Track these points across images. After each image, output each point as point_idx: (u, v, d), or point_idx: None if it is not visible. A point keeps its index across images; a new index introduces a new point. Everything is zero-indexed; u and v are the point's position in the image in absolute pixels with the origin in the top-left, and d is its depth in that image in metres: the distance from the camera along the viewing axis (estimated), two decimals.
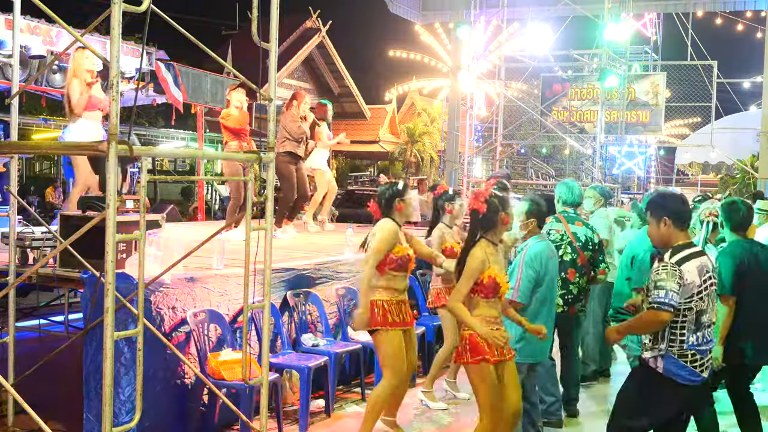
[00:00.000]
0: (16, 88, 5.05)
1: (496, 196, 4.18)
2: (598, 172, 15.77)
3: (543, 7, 16.39)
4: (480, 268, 4.04)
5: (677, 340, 3.69)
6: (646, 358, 3.80)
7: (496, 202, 4.14)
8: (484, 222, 4.16)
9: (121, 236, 3.39)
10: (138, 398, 3.58)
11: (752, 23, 18.10)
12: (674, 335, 3.69)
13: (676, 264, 3.66)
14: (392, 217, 4.85)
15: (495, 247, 4.17)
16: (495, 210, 4.13)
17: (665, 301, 3.58)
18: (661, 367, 3.71)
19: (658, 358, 3.71)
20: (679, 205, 3.86)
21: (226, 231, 6.15)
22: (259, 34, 3.98)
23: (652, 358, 3.74)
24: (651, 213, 3.89)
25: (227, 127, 7.55)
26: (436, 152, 30.22)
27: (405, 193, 4.88)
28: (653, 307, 3.62)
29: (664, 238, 3.83)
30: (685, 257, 3.71)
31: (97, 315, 4.04)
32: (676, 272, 3.62)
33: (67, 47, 5.99)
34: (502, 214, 4.14)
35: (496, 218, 4.14)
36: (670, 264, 3.66)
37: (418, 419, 5.68)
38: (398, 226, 4.84)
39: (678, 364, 3.67)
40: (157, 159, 24.31)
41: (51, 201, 16.00)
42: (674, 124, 24.42)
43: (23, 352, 5.01)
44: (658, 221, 3.83)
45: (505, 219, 4.14)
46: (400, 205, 4.85)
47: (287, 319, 5.82)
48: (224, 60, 6.62)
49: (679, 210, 3.82)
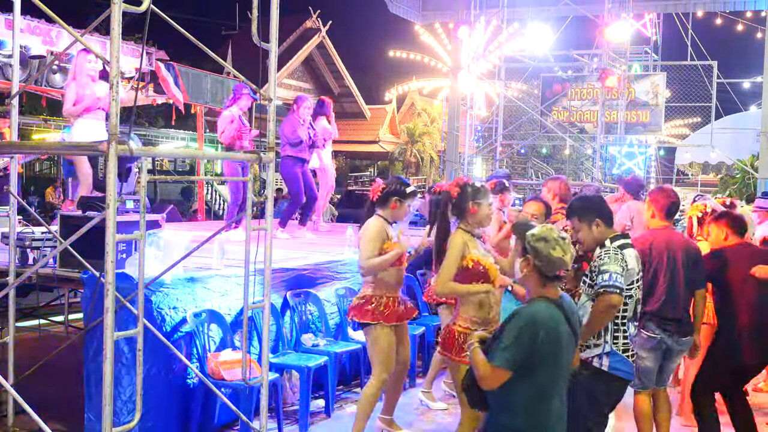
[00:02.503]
0: (16, 88, 5.05)
1: (471, 186, 4.27)
2: (598, 172, 15.76)
3: (543, 7, 16.36)
4: (462, 250, 4.09)
5: (621, 334, 3.73)
6: (588, 359, 3.77)
7: (468, 191, 4.23)
8: (454, 208, 4.28)
9: (121, 236, 3.39)
10: (138, 398, 3.59)
11: (752, 23, 18.09)
12: (617, 328, 3.73)
13: (618, 248, 3.70)
14: (382, 212, 4.84)
15: (474, 238, 4.25)
16: (465, 198, 4.20)
17: (610, 283, 3.60)
18: (606, 365, 3.72)
19: (603, 356, 3.73)
20: (603, 204, 3.98)
21: (226, 231, 6.16)
22: (259, 34, 3.98)
23: (596, 357, 3.75)
24: (579, 218, 3.93)
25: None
26: (436, 152, 30.22)
27: (407, 198, 4.87)
28: (600, 293, 3.61)
29: (598, 239, 3.90)
30: (625, 244, 3.80)
31: (97, 315, 4.04)
32: (618, 256, 3.69)
33: (67, 47, 5.99)
34: (470, 203, 4.23)
35: (465, 206, 4.24)
36: (612, 248, 3.73)
37: (417, 419, 5.68)
38: (387, 223, 4.82)
39: (623, 360, 3.73)
40: (157, 159, 24.34)
41: (51, 201, 15.99)
42: (674, 124, 24.40)
43: (23, 352, 5.01)
44: (590, 224, 3.90)
45: (473, 209, 4.23)
46: (395, 205, 4.84)
47: (287, 319, 5.82)
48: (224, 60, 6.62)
49: (605, 209, 3.93)
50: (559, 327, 2.85)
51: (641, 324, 4.41)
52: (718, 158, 19.34)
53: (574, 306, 3.06)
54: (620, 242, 3.80)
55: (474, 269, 4.09)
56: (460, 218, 4.28)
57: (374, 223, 4.78)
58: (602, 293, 3.59)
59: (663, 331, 4.48)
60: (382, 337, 4.71)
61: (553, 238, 2.90)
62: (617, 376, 3.72)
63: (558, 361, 2.86)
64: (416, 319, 6.20)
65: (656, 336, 4.47)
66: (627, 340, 3.74)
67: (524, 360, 2.80)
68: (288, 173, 8.02)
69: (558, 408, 2.94)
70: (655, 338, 4.47)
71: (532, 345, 2.79)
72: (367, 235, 4.73)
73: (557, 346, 2.85)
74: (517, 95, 18.76)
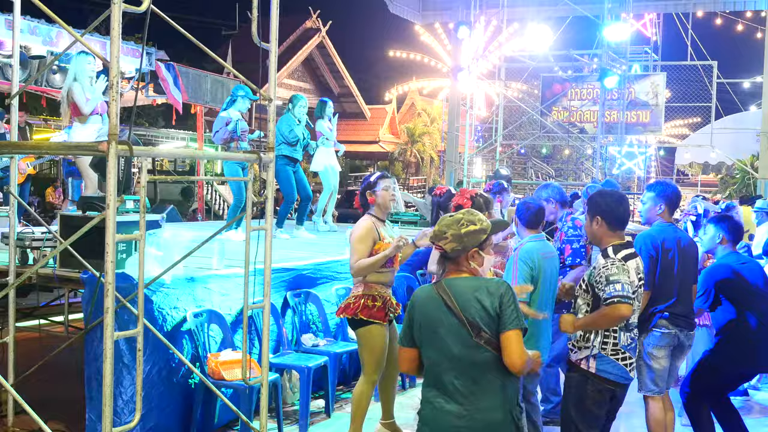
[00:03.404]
0: (16, 88, 5.05)
1: (481, 196, 4.26)
2: (598, 172, 15.77)
3: (543, 7, 16.38)
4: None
5: (610, 342, 3.73)
6: (576, 361, 3.79)
7: (480, 202, 4.21)
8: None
9: (121, 236, 3.39)
10: (138, 398, 3.59)
11: (752, 23, 18.11)
12: (608, 334, 3.72)
13: (623, 260, 3.72)
14: (371, 211, 4.83)
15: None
16: (479, 208, 4.19)
17: (623, 294, 3.59)
18: (594, 367, 3.72)
19: (590, 358, 3.73)
20: (612, 205, 3.90)
21: (226, 231, 6.16)
22: (259, 34, 3.98)
23: (583, 359, 3.75)
24: (588, 209, 3.97)
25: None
26: (436, 152, 30.23)
27: (375, 185, 4.83)
28: (613, 302, 3.60)
29: (596, 236, 3.91)
30: (629, 255, 3.78)
31: (97, 315, 4.05)
32: (624, 268, 3.67)
33: (67, 47, 5.99)
34: (486, 214, 4.21)
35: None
36: (618, 260, 3.72)
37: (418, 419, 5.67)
38: (380, 222, 4.82)
39: (611, 362, 3.72)
40: (157, 159, 24.32)
41: (51, 201, 15.97)
42: (674, 124, 24.42)
43: (23, 352, 5.01)
44: (592, 218, 3.91)
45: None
46: (372, 198, 4.82)
47: (287, 319, 5.82)
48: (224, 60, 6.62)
49: (611, 210, 3.87)
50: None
51: (653, 324, 4.45)
52: (718, 158, 19.34)
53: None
54: (624, 253, 3.77)
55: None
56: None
57: (364, 223, 4.75)
58: (616, 302, 3.59)
59: (675, 326, 4.50)
60: (374, 338, 4.68)
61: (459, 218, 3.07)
62: (605, 378, 3.71)
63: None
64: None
65: (671, 330, 4.49)
66: (616, 348, 3.73)
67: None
68: (280, 173, 7.99)
69: None
70: (670, 333, 4.49)
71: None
72: (356, 235, 4.72)
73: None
74: (517, 95, 18.77)
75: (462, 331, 2.92)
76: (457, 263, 3.06)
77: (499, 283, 3.01)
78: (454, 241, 3.03)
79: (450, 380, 2.95)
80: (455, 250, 3.03)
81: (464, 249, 3.04)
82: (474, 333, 2.90)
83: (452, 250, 3.03)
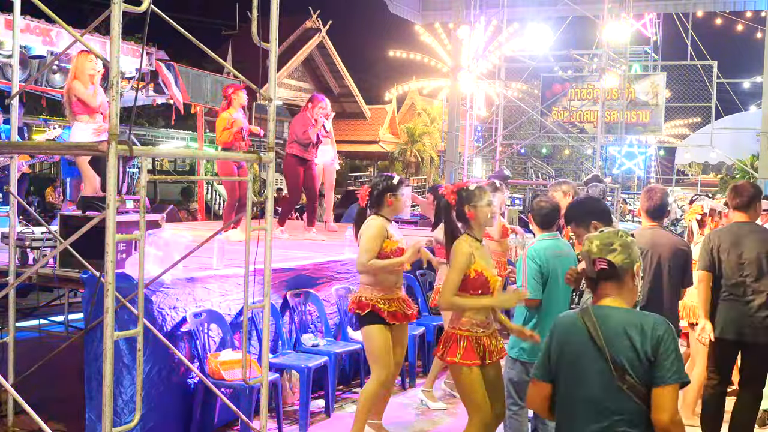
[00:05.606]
0: (16, 88, 5.05)
1: (465, 190, 4.21)
2: (598, 172, 15.75)
3: (543, 7, 16.38)
4: (466, 261, 4.00)
5: None
6: None
7: (463, 195, 4.18)
8: (457, 214, 4.21)
9: (121, 236, 3.39)
10: (138, 398, 3.58)
11: (752, 23, 18.10)
12: None
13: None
14: (380, 211, 4.82)
15: (481, 245, 4.18)
16: (461, 203, 4.17)
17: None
18: None
19: None
20: (596, 205, 3.87)
21: (225, 231, 6.16)
22: (259, 34, 3.98)
23: None
24: (576, 224, 3.88)
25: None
26: (436, 152, 30.21)
27: (398, 189, 4.84)
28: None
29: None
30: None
31: (97, 315, 4.05)
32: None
33: (67, 47, 5.98)
34: (466, 207, 4.15)
35: (462, 210, 4.17)
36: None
37: (418, 419, 5.68)
38: (387, 222, 4.81)
39: None
40: (157, 159, 24.34)
41: (51, 201, 15.97)
42: (674, 124, 24.39)
43: (23, 352, 5.01)
44: (587, 228, 3.84)
45: (470, 213, 4.15)
46: (391, 200, 4.81)
47: (287, 319, 5.82)
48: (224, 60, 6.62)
49: (598, 209, 3.83)
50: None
51: None
52: (718, 158, 19.33)
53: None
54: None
55: (476, 279, 4.01)
56: (464, 223, 4.23)
57: (376, 222, 4.76)
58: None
59: None
60: (379, 337, 4.69)
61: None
62: None
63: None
64: (416, 320, 6.20)
65: None
66: None
67: None
68: (289, 171, 8.02)
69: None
70: None
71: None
72: (368, 233, 4.70)
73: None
74: (517, 95, 18.75)
75: (604, 368, 2.53)
76: (621, 282, 2.65)
77: (657, 323, 2.56)
78: (623, 252, 2.64)
79: (581, 429, 2.58)
80: (625, 263, 2.63)
81: (633, 262, 2.65)
82: (617, 375, 2.50)
83: (622, 262, 2.63)
